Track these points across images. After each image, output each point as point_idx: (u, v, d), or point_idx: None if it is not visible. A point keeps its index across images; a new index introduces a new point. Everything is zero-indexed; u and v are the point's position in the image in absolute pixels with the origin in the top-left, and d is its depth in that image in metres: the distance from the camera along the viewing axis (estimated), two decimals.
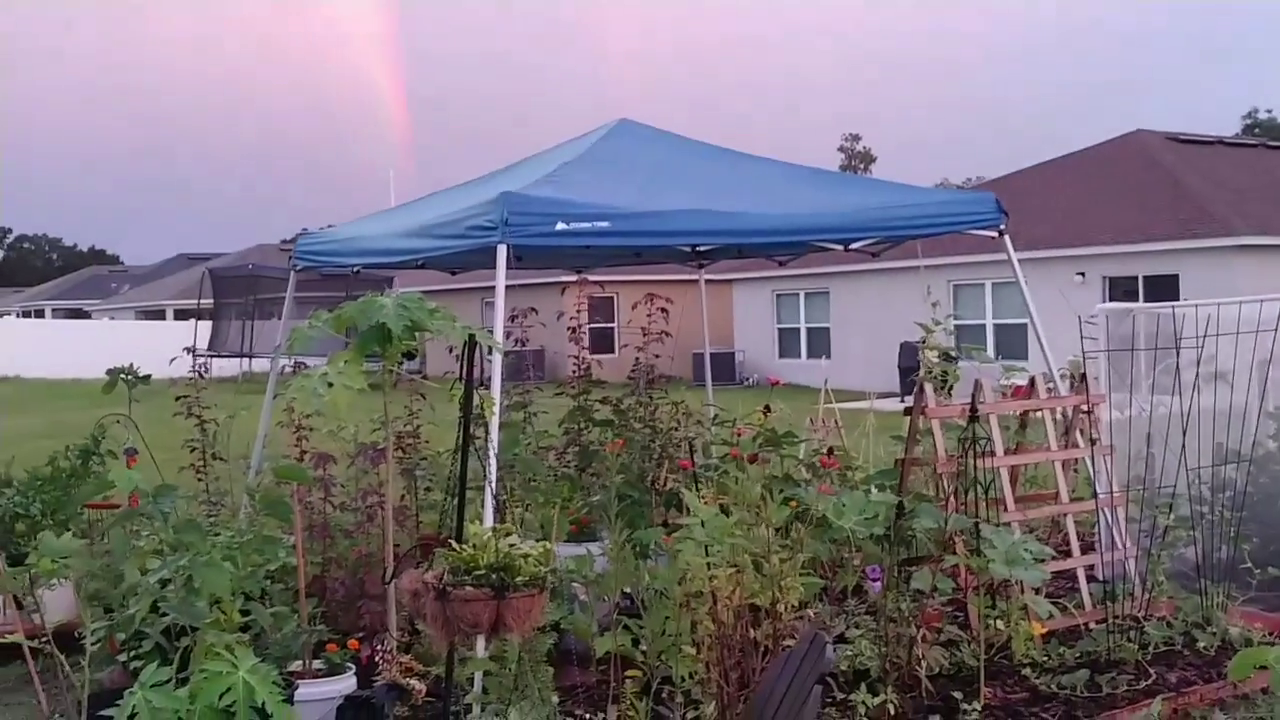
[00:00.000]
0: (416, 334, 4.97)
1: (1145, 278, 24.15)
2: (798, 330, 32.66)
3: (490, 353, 5.56)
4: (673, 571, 4.85)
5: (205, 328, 33.83)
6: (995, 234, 7.52)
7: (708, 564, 4.70)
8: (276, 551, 4.80)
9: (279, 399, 6.21)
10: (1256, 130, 68.77)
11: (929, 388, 6.72)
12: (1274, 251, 23.10)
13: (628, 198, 6.55)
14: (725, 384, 30.71)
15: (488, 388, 5.65)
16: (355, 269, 8.28)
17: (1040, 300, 7.99)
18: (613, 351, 25.15)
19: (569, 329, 8.95)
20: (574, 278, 9.95)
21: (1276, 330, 6.75)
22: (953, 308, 27.60)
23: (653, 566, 5.60)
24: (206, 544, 4.19)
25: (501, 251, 5.85)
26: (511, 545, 4.14)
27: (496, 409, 5.61)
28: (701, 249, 8.64)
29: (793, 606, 4.69)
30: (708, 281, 10.78)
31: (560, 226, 6.00)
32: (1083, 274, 24.96)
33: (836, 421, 9.93)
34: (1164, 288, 22.98)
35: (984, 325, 27.22)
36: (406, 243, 7.08)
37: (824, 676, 2.95)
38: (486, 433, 5.68)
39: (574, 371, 8.56)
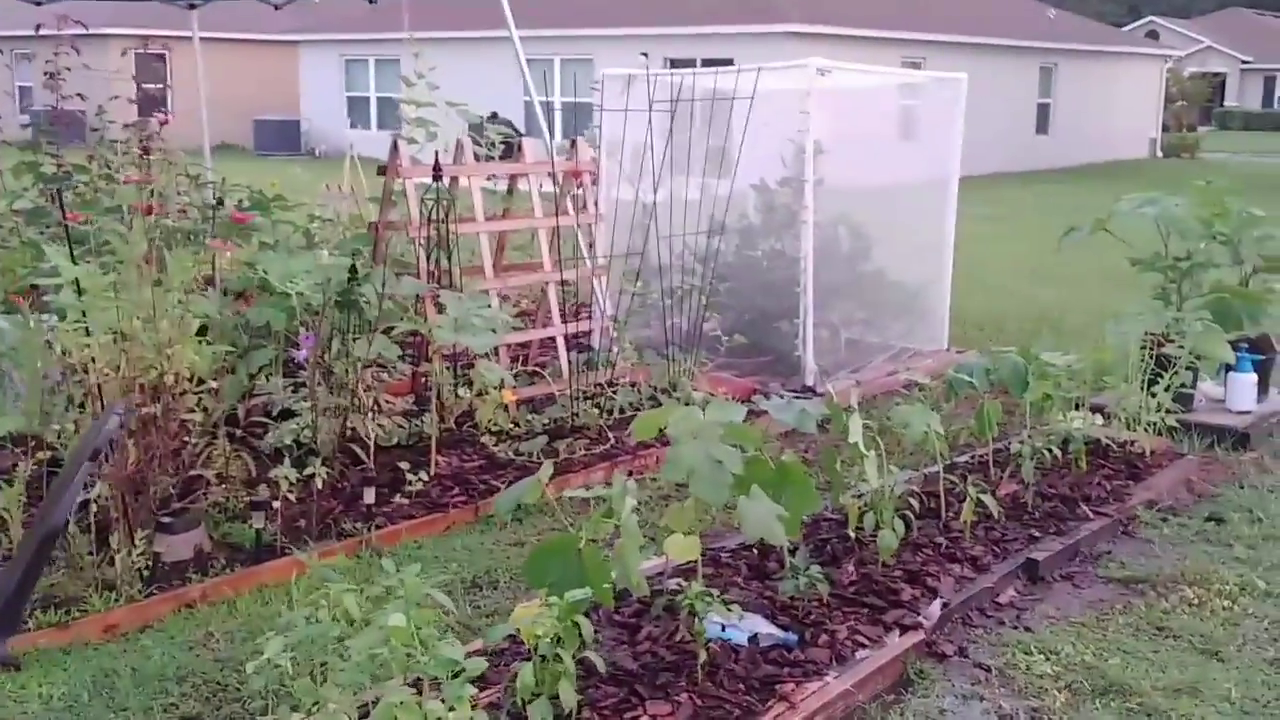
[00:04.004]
0: None
1: (704, 60, 24.63)
2: (367, 99, 31.16)
3: None
4: (34, 332, 4.15)
5: None
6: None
7: (84, 330, 4.07)
8: None
9: None
10: None
11: (403, 145, 6.25)
12: (825, 40, 24.01)
13: None
14: (290, 154, 29.10)
15: None
16: None
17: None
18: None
19: (46, 74, 7.78)
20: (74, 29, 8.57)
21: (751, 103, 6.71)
22: (545, 85, 27.13)
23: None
24: None
25: None
26: None
27: None
28: None
29: (185, 378, 4.16)
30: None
31: None
32: (646, 54, 25.09)
33: (351, 189, 9.41)
34: None
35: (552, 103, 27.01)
36: None
37: (98, 450, 2.47)
38: None
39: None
